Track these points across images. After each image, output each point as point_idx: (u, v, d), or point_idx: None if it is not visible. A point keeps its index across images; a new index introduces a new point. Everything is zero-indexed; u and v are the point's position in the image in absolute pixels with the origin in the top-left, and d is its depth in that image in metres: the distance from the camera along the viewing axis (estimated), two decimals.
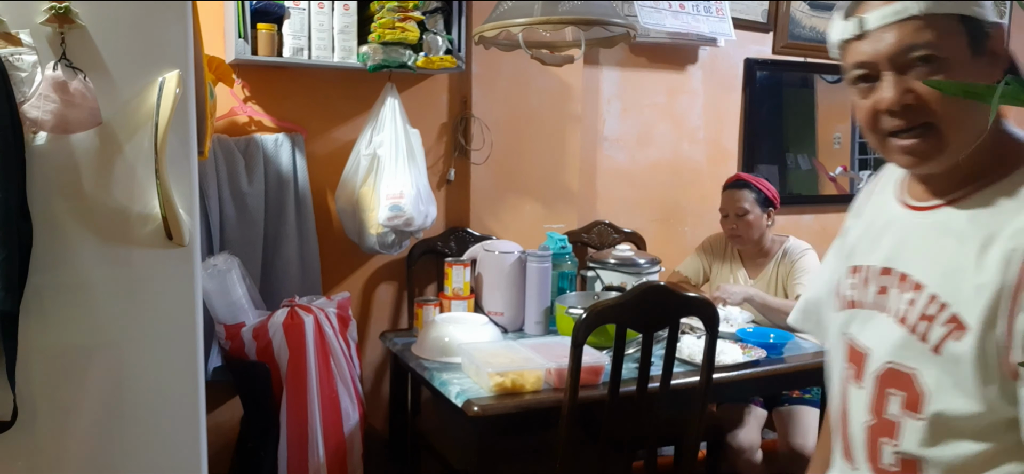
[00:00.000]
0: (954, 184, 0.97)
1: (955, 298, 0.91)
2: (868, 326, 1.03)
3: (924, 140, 0.94)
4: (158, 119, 1.53)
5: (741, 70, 3.34)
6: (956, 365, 0.91)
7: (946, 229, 0.96)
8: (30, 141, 1.47)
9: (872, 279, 1.04)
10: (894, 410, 0.97)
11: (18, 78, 1.45)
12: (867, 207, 1.14)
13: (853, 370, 1.05)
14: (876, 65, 0.95)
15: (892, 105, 0.94)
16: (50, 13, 1.46)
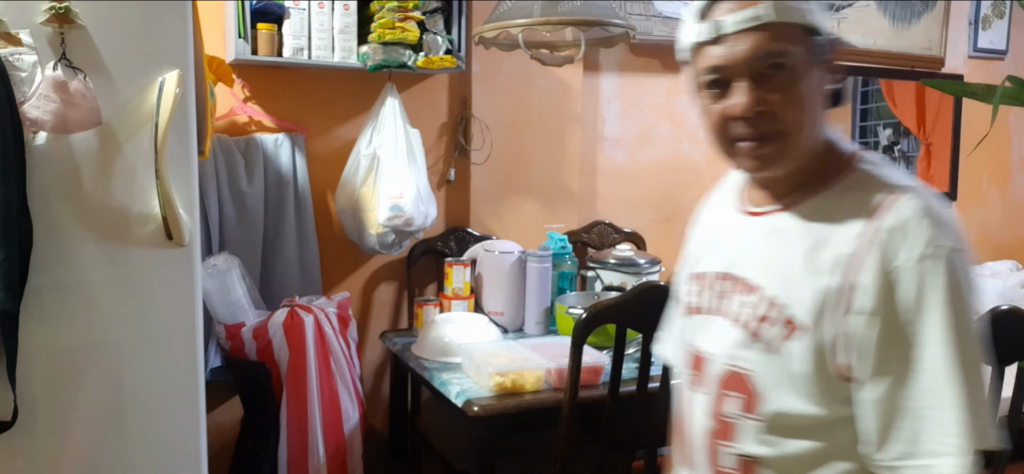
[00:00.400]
0: (789, 189, 1.02)
1: (789, 299, 0.95)
2: (708, 331, 1.06)
3: (771, 146, 0.97)
4: (158, 119, 1.53)
5: None
6: (790, 365, 0.94)
7: (780, 233, 1.00)
8: (30, 141, 1.47)
9: (712, 285, 1.07)
10: (732, 412, 1.01)
11: (18, 78, 1.45)
12: (706, 217, 1.18)
13: (694, 376, 1.08)
14: (730, 71, 0.96)
15: (746, 112, 0.95)
16: (50, 13, 1.46)
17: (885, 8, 3.52)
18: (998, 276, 3.78)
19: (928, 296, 0.87)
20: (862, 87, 3.60)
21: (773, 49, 0.94)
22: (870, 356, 0.90)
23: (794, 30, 0.96)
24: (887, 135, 3.68)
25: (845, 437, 0.94)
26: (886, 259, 0.89)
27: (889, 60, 3.57)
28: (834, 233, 0.94)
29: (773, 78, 0.95)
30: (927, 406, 0.88)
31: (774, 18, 0.94)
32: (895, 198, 0.92)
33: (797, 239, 0.97)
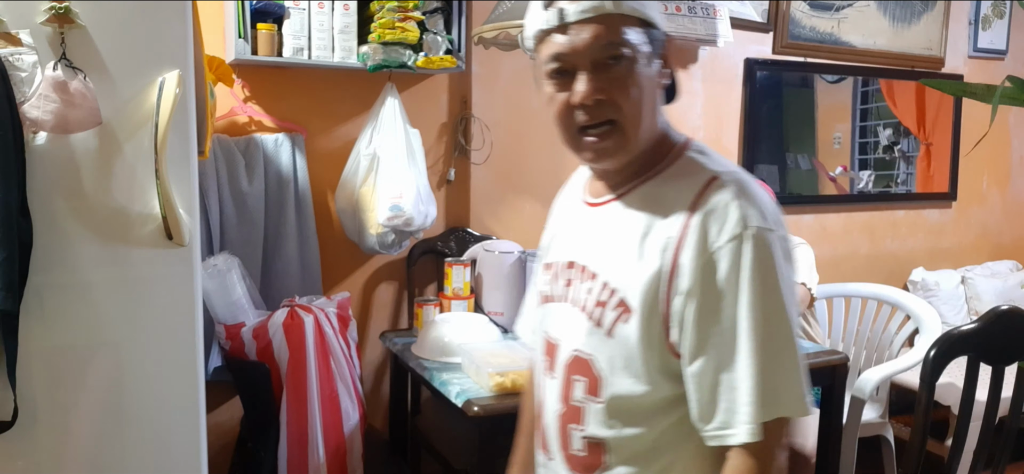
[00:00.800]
0: (624, 179, 1.07)
1: (622, 283, 1.01)
2: (558, 318, 1.11)
3: (609, 137, 1.01)
4: (158, 119, 1.53)
5: (741, 70, 3.34)
6: (625, 347, 1.00)
7: (615, 221, 1.05)
8: (30, 141, 1.47)
9: (560, 273, 1.12)
10: (579, 396, 1.05)
11: (18, 78, 1.45)
12: (558, 210, 1.24)
13: (548, 362, 1.12)
14: (572, 59, 1.00)
15: (586, 100, 0.99)
16: (50, 13, 1.46)
17: (885, 8, 3.52)
18: (998, 276, 3.79)
19: (736, 274, 0.93)
20: (862, 87, 3.60)
21: (613, 39, 0.98)
22: (691, 334, 0.95)
23: (633, 23, 1.00)
24: (887, 135, 3.68)
25: (683, 417, 0.99)
26: (704, 241, 0.95)
27: (889, 60, 3.57)
28: (662, 218, 1.00)
29: (612, 69, 0.98)
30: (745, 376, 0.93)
31: (614, 10, 0.98)
32: (713, 182, 0.98)
33: (629, 226, 1.03)
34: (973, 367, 1.62)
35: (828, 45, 3.43)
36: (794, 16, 3.35)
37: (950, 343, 1.58)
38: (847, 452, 2.45)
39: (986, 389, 1.64)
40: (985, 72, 3.82)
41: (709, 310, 0.94)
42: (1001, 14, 3.85)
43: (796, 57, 3.40)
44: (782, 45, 3.35)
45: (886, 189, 3.71)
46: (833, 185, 3.59)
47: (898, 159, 3.72)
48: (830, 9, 3.41)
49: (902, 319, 2.86)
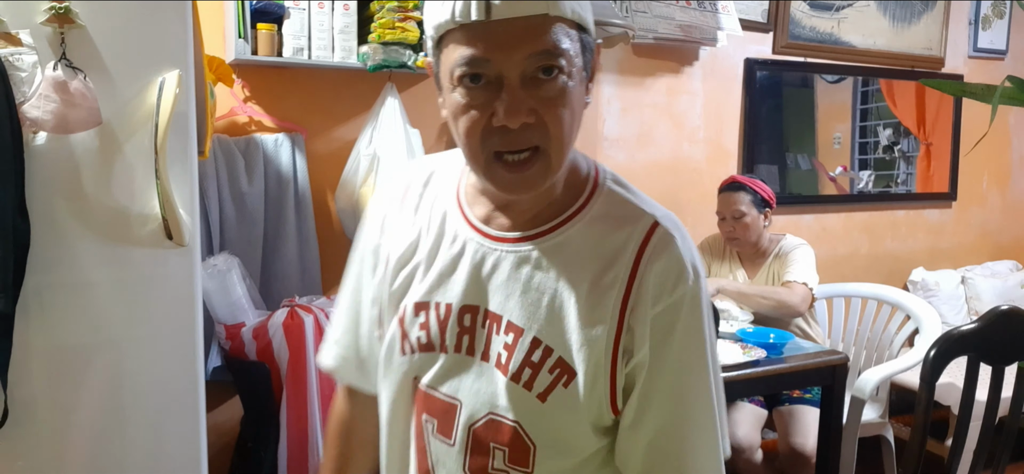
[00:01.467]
0: (542, 215, 0.89)
1: (559, 343, 0.86)
2: (455, 374, 0.90)
3: (531, 165, 0.83)
4: (158, 119, 1.53)
5: (741, 70, 3.34)
6: (565, 413, 0.86)
7: (540, 267, 0.87)
8: (30, 141, 1.47)
9: (452, 319, 0.90)
10: (499, 465, 0.89)
11: (18, 78, 1.45)
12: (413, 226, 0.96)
13: (434, 423, 0.92)
14: (498, 68, 0.80)
15: (515, 121, 0.80)
16: (50, 13, 1.46)
17: (885, 8, 3.52)
18: (998, 276, 3.79)
19: (686, 336, 0.86)
20: (862, 87, 3.60)
21: (548, 48, 0.80)
22: (639, 396, 0.86)
23: (572, 30, 0.82)
24: (887, 135, 3.68)
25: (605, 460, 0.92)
26: (655, 299, 0.85)
27: (889, 60, 3.57)
28: (602, 270, 0.86)
29: (543, 85, 0.80)
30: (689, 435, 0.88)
31: (554, 12, 0.80)
32: (656, 231, 0.87)
33: (562, 276, 0.87)
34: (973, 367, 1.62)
35: (828, 45, 3.43)
36: (794, 16, 3.35)
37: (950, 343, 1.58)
38: (847, 452, 2.45)
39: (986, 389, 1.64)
40: (985, 72, 3.82)
41: (659, 373, 0.86)
42: (1001, 14, 3.85)
43: (796, 57, 3.41)
44: (782, 45, 3.35)
45: (886, 189, 3.71)
46: (833, 185, 3.59)
47: (898, 159, 3.73)
48: (830, 9, 3.41)
49: (902, 319, 2.86)
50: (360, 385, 1.05)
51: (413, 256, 0.94)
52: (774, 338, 2.28)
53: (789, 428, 2.46)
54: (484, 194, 0.92)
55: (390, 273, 0.95)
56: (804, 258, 2.58)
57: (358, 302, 1.02)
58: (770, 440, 2.66)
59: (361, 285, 1.01)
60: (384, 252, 0.97)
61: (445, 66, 0.83)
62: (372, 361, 1.01)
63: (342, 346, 1.05)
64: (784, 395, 2.56)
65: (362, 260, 1.02)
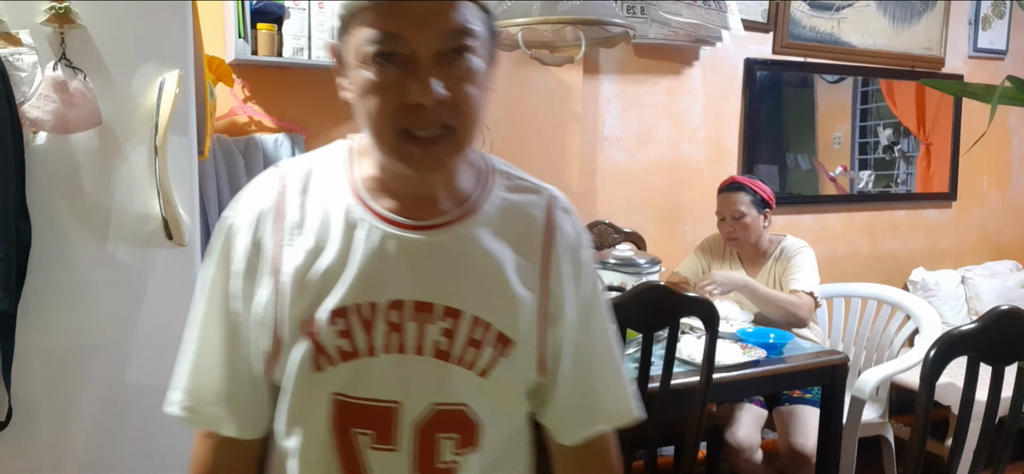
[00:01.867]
0: (453, 199, 0.91)
1: (497, 316, 0.88)
2: (389, 376, 0.87)
3: (442, 144, 0.84)
4: (158, 119, 1.53)
5: (741, 70, 3.34)
6: (505, 383, 0.90)
7: (463, 249, 0.89)
8: (30, 141, 1.47)
9: (378, 318, 0.86)
10: (448, 456, 0.89)
11: (18, 78, 1.45)
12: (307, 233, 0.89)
13: (371, 435, 0.88)
14: (412, 45, 0.80)
15: (431, 99, 0.80)
16: (50, 13, 1.46)
17: (885, 8, 3.52)
18: (998, 276, 3.79)
19: (593, 294, 0.97)
20: (862, 87, 3.60)
21: (461, 27, 0.81)
22: (567, 353, 0.94)
23: (480, 12, 0.85)
24: (887, 135, 3.68)
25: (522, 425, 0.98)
26: (565, 265, 0.94)
27: (889, 60, 3.57)
28: (520, 243, 0.92)
29: (454, 63, 0.82)
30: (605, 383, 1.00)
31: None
32: (555, 204, 0.96)
33: (485, 254, 0.89)
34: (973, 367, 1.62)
35: (828, 45, 3.43)
36: (794, 16, 3.35)
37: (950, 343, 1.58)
38: (847, 452, 2.45)
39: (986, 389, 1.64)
40: (985, 72, 3.82)
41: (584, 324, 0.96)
42: (1001, 14, 3.85)
43: (796, 57, 3.41)
44: (782, 45, 3.35)
45: (886, 189, 3.71)
46: (833, 185, 3.59)
47: (898, 159, 3.73)
48: (830, 9, 3.41)
49: (902, 319, 2.86)
50: (227, 429, 0.93)
51: (316, 263, 0.87)
52: (774, 338, 2.28)
53: (789, 428, 2.46)
54: (388, 185, 0.89)
55: (289, 291, 0.86)
56: (807, 263, 2.58)
57: (221, 337, 0.91)
58: (770, 440, 2.66)
59: (227, 318, 0.91)
60: (268, 273, 0.88)
61: (353, 45, 0.83)
62: (244, 398, 0.92)
63: (203, 389, 0.92)
64: (784, 395, 2.56)
65: (225, 292, 0.90)
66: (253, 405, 0.92)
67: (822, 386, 2.27)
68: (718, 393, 2.10)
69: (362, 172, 0.91)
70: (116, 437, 1.59)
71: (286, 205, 0.90)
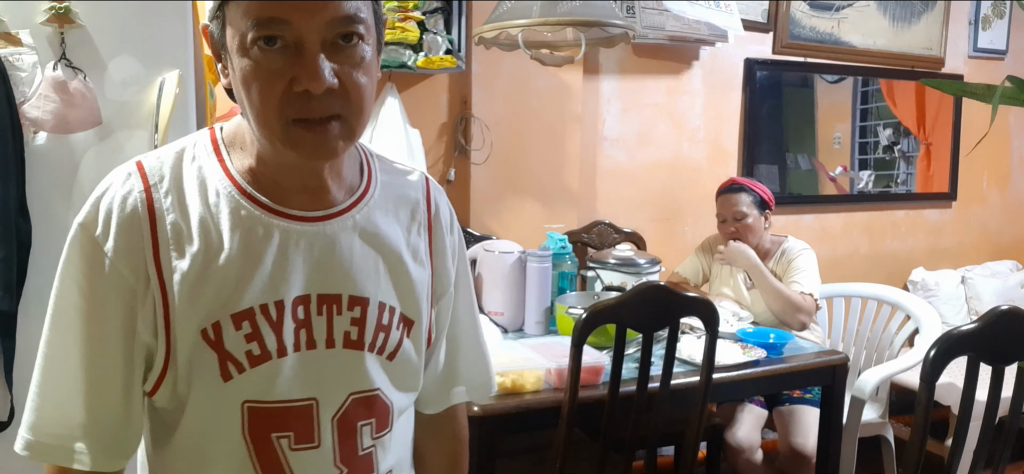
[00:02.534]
0: (343, 188, 0.89)
1: (399, 300, 0.90)
2: (302, 373, 0.84)
3: (337, 131, 0.80)
4: (158, 119, 1.53)
5: (741, 70, 3.34)
6: (408, 362, 0.93)
7: (363, 236, 0.88)
8: (30, 141, 1.47)
9: (286, 316, 0.83)
10: (367, 442, 0.89)
11: (18, 78, 1.45)
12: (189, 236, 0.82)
13: (290, 436, 0.84)
14: (299, 30, 0.76)
15: (321, 85, 0.76)
16: (50, 13, 1.46)
17: (885, 8, 3.52)
18: (998, 276, 3.79)
19: (463, 268, 1.03)
20: (862, 87, 3.60)
21: (351, 14, 0.78)
22: (443, 322, 1.01)
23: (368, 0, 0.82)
24: (887, 135, 3.68)
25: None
26: (444, 242, 0.99)
27: (889, 60, 3.58)
28: (407, 225, 0.94)
29: (344, 50, 0.79)
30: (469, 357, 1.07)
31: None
32: (429, 183, 0.99)
33: (381, 239, 0.89)
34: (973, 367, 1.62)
35: (828, 45, 3.43)
36: (794, 16, 3.35)
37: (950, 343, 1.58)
38: (847, 452, 2.45)
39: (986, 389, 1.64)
40: (985, 72, 3.82)
41: (457, 300, 1.03)
42: (1001, 14, 3.86)
43: (796, 57, 3.41)
44: (782, 45, 3.36)
45: (886, 189, 3.72)
46: (833, 185, 3.60)
47: (898, 159, 3.73)
48: (830, 9, 3.41)
49: (902, 319, 2.86)
50: (84, 464, 0.82)
51: (210, 266, 0.80)
52: (774, 338, 2.28)
53: (789, 428, 2.46)
54: (273, 177, 0.85)
55: (181, 298, 0.80)
56: (809, 266, 2.58)
57: (79, 363, 0.81)
58: (770, 440, 2.66)
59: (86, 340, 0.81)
60: (148, 285, 0.80)
61: (233, 27, 0.78)
62: (111, 426, 0.83)
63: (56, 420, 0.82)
64: (784, 395, 2.56)
65: (85, 311, 0.81)
66: (121, 434, 0.84)
67: (822, 386, 2.27)
68: (718, 393, 2.10)
69: (239, 164, 0.86)
70: None
71: (158, 205, 0.82)
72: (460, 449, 1.11)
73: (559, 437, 1.82)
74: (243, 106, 0.82)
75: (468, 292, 1.05)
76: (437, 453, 1.09)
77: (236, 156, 0.87)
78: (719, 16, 3.09)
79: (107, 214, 0.81)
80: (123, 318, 0.81)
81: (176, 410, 0.84)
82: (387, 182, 0.94)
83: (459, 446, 1.11)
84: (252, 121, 0.81)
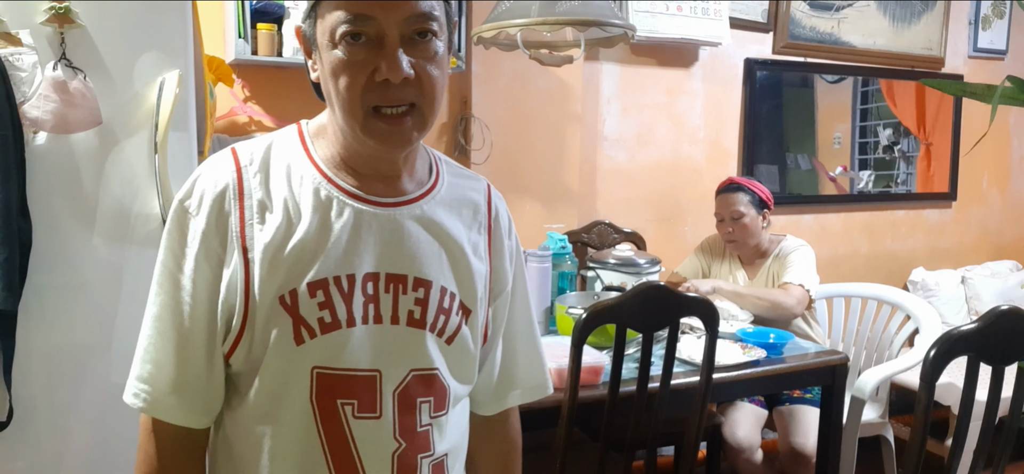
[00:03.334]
0: (413, 178, 0.97)
1: (460, 287, 0.97)
2: (368, 345, 0.91)
3: (409, 119, 0.89)
4: (158, 119, 1.53)
5: (741, 70, 3.34)
6: (465, 349, 0.98)
7: (430, 223, 0.96)
8: (30, 141, 1.47)
9: (356, 290, 0.90)
10: (425, 420, 0.95)
11: (18, 78, 1.45)
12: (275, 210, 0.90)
13: (354, 404, 0.90)
14: (382, 26, 0.85)
15: (399, 76, 0.85)
16: (50, 13, 1.46)
17: (885, 8, 3.52)
18: (998, 276, 3.79)
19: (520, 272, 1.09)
20: (862, 87, 3.60)
21: (427, 12, 0.87)
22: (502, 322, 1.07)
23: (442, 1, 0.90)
24: (887, 135, 3.68)
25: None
26: (504, 243, 1.05)
27: (889, 60, 3.57)
28: (471, 221, 1.01)
29: (420, 45, 0.87)
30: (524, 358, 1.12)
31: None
32: (490, 188, 1.07)
33: (447, 229, 0.97)
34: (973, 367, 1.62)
35: (828, 45, 3.43)
36: (794, 16, 3.35)
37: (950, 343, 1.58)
38: (847, 452, 2.45)
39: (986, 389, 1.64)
40: (985, 72, 3.82)
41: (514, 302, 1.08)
42: (1001, 14, 3.85)
43: (796, 57, 3.41)
44: (782, 45, 3.36)
45: (886, 189, 3.72)
46: (833, 185, 3.59)
47: (898, 159, 3.73)
48: (830, 9, 3.41)
49: (902, 319, 2.86)
50: (179, 418, 0.92)
51: (291, 239, 0.89)
52: (774, 338, 2.28)
53: (789, 428, 2.46)
54: (352, 164, 0.94)
55: (262, 267, 0.88)
56: (803, 259, 2.58)
57: (174, 324, 0.91)
58: (770, 440, 2.66)
59: (179, 305, 0.90)
60: (234, 252, 0.89)
61: (324, 25, 0.87)
62: (196, 386, 0.91)
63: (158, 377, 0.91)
64: (784, 395, 2.56)
65: (177, 277, 0.91)
66: (205, 392, 0.92)
67: (822, 386, 2.27)
68: (718, 393, 2.10)
69: (323, 153, 0.95)
70: (116, 437, 1.58)
71: (247, 184, 0.91)
72: (513, 452, 1.16)
73: (559, 437, 1.82)
74: (330, 97, 0.90)
75: (524, 296, 1.10)
76: (491, 455, 1.13)
77: (320, 146, 0.95)
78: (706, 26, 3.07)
79: (202, 192, 0.91)
80: (210, 284, 0.90)
81: (249, 373, 0.91)
82: (453, 182, 1.01)
83: (512, 449, 1.16)
84: (337, 109, 0.90)
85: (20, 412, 1.49)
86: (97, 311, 1.55)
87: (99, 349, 1.56)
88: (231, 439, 0.95)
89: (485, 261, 1.01)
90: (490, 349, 1.07)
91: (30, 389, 1.51)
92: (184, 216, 0.91)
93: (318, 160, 0.94)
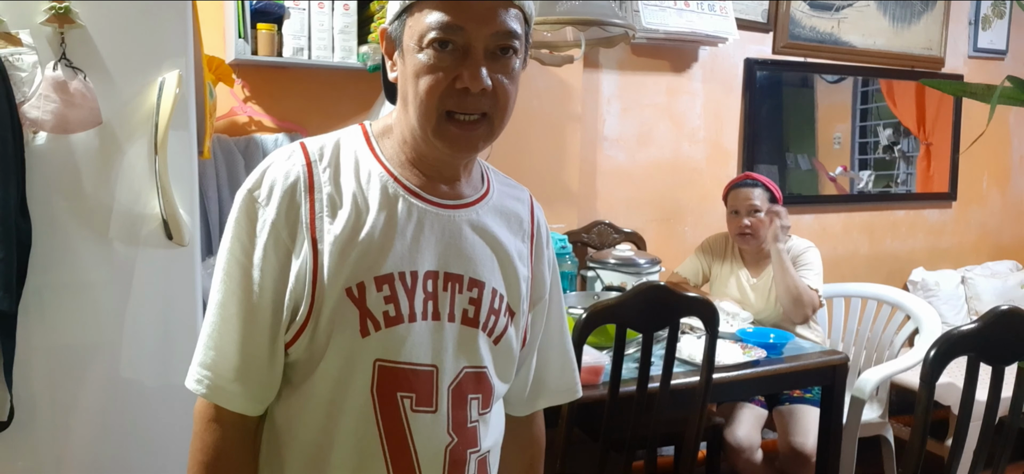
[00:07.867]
0: (470, 184, 1.02)
1: (507, 290, 1.01)
2: (427, 341, 0.93)
3: (482, 129, 0.93)
4: (158, 119, 1.53)
5: (741, 70, 3.34)
6: (509, 350, 1.02)
7: (483, 227, 1.00)
8: (30, 141, 1.47)
9: (417, 286, 0.93)
10: (474, 416, 0.98)
11: (18, 78, 1.45)
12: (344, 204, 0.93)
13: (412, 397, 0.93)
14: (469, 38, 0.89)
15: (479, 86, 0.89)
16: (50, 13, 1.46)
17: (885, 8, 3.52)
18: (998, 276, 3.79)
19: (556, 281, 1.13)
20: (862, 87, 3.60)
21: (511, 30, 0.91)
22: (540, 327, 1.10)
23: (523, 17, 0.94)
24: (887, 135, 3.68)
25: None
26: (544, 252, 1.10)
27: (889, 60, 3.57)
28: (517, 228, 1.05)
29: (500, 60, 0.92)
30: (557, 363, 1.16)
31: (519, 1, 0.93)
32: (532, 199, 1.12)
33: (497, 232, 1.01)
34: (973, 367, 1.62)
35: (828, 45, 3.43)
36: (794, 16, 3.35)
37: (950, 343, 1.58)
38: (847, 452, 2.45)
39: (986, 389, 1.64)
40: (985, 72, 3.82)
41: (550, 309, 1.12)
42: (1001, 14, 3.85)
43: (796, 57, 3.40)
44: (782, 45, 3.35)
45: (886, 189, 3.71)
46: (833, 185, 3.59)
47: (898, 159, 3.73)
48: (830, 9, 3.41)
49: (902, 319, 2.86)
50: (238, 405, 0.94)
51: (360, 233, 0.92)
52: (774, 338, 2.28)
53: (789, 428, 2.46)
54: (416, 165, 0.97)
55: (331, 258, 0.90)
56: (814, 262, 2.59)
57: (239, 312, 0.92)
58: (770, 440, 2.66)
59: (246, 293, 0.92)
60: (304, 242, 0.91)
61: (413, 29, 0.91)
62: (257, 374, 0.93)
63: (221, 364, 0.93)
64: (784, 395, 2.56)
65: (245, 265, 0.92)
66: (265, 381, 0.94)
67: (822, 386, 2.27)
68: (718, 393, 2.10)
69: (389, 153, 0.98)
70: (117, 437, 1.59)
71: (317, 178, 0.94)
72: (538, 451, 1.19)
73: (559, 437, 1.82)
74: (405, 97, 0.94)
75: (560, 304, 1.15)
76: (517, 453, 1.16)
77: (385, 145, 0.99)
78: (714, 21, 3.08)
79: (272, 183, 0.93)
80: (277, 274, 0.91)
81: (306, 363, 0.93)
82: (501, 191, 1.07)
83: (538, 449, 1.20)
84: (412, 108, 0.93)
85: (21, 412, 1.49)
86: (97, 311, 1.55)
87: (100, 349, 1.56)
88: (280, 429, 0.96)
89: (528, 267, 1.05)
90: (528, 354, 1.10)
91: (30, 389, 1.51)
92: (253, 205, 0.93)
93: (384, 159, 0.97)
